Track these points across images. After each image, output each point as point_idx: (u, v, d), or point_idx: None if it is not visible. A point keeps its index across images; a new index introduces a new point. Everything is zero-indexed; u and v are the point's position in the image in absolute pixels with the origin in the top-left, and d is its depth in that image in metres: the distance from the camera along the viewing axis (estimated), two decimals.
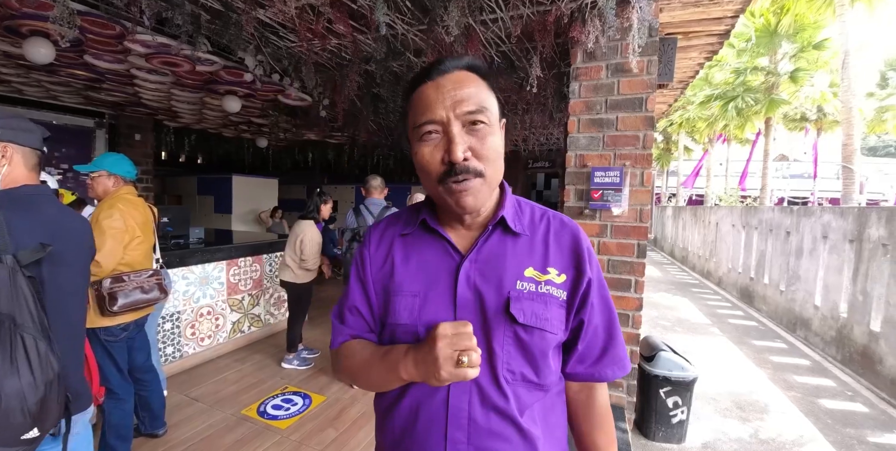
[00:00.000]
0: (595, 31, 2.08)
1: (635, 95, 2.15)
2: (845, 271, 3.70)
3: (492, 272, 0.66)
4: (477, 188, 0.62)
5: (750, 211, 6.14)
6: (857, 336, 3.47)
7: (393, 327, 0.68)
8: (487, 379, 0.63)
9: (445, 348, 0.55)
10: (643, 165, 2.16)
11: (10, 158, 1.08)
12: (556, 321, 0.66)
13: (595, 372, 0.71)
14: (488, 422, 0.62)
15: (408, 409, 0.65)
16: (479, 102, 0.61)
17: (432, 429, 0.63)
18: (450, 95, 0.60)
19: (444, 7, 2.15)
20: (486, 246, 0.68)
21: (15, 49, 2.77)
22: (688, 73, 3.63)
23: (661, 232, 13.05)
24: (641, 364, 2.40)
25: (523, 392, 0.65)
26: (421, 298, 0.66)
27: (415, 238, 0.71)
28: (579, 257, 0.69)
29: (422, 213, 0.71)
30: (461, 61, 0.64)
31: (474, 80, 0.63)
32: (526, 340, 0.64)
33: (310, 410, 2.55)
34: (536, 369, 0.65)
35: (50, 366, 0.95)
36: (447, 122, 0.60)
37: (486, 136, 0.62)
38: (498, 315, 0.64)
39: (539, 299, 0.65)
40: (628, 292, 2.19)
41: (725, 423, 2.63)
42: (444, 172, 0.61)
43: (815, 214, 4.32)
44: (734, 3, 2.34)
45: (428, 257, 0.69)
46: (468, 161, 0.60)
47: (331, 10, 2.26)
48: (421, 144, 0.63)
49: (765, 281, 5.38)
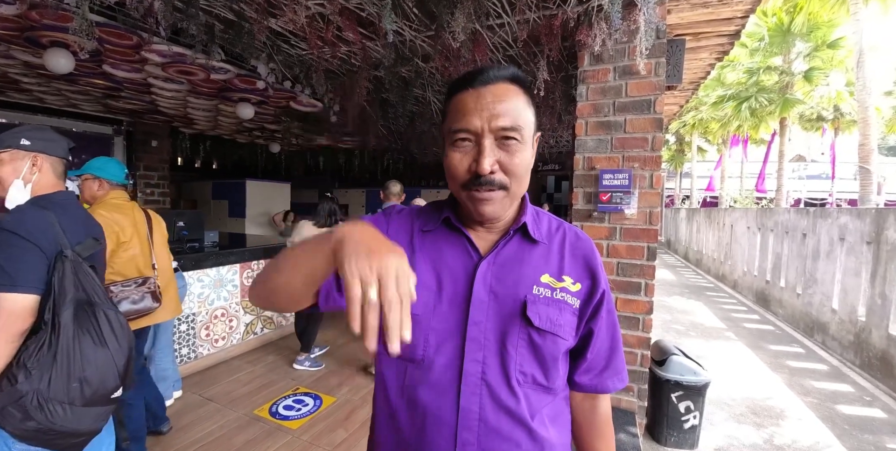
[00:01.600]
0: (602, 34, 2.08)
1: (643, 97, 2.15)
2: (863, 274, 3.62)
3: (508, 276, 0.67)
4: (499, 200, 0.64)
5: (765, 213, 6.04)
6: (875, 340, 3.39)
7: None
8: (499, 380, 0.63)
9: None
10: (652, 167, 2.15)
11: (41, 166, 1.21)
12: (569, 328, 0.68)
13: (599, 383, 0.73)
14: (499, 424, 0.62)
15: (416, 409, 0.65)
16: (515, 119, 0.62)
17: (442, 430, 0.62)
18: (488, 107, 0.61)
19: (450, 13, 2.17)
20: (506, 250, 0.69)
21: (36, 59, 2.86)
22: (698, 74, 3.61)
23: (675, 234, 12.89)
24: (653, 369, 2.38)
25: (533, 395, 0.65)
26: (436, 293, 0.67)
27: (436, 235, 0.72)
28: (593, 269, 0.71)
29: (444, 211, 0.72)
30: (506, 72, 0.64)
31: (515, 94, 0.63)
32: (539, 343, 0.65)
33: (320, 411, 2.58)
34: (546, 373, 0.66)
35: (126, 329, 1.19)
36: (481, 133, 0.61)
37: (516, 152, 0.63)
38: (514, 318, 0.65)
39: (554, 304, 0.66)
40: (638, 295, 2.18)
41: (739, 429, 2.59)
42: (470, 180, 0.63)
43: (831, 216, 4.23)
44: (744, 4, 2.32)
45: (447, 254, 0.70)
46: (494, 174, 0.62)
47: (340, 19, 2.31)
48: (453, 148, 0.64)
49: (781, 284, 5.28)
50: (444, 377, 0.64)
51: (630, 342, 2.19)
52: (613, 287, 2.22)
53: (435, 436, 0.63)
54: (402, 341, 0.43)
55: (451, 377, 0.63)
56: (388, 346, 0.42)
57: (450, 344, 0.64)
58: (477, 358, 0.63)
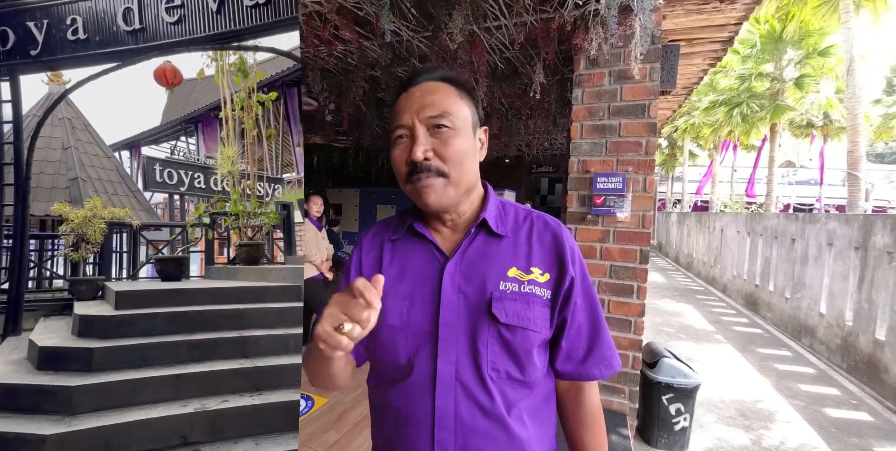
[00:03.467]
0: (598, 38, 2.10)
1: (638, 101, 2.17)
2: (851, 279, 3.68)
3: (475, 274, 0.68)
4: (440, 188, 0.65)
5: (755, 217, 6.11)
6: (862, 345, 3.44)
7: (381, 328, 0.67)
8: (472, 378, 0.64)
9: (333, 308, 0.52)
10: (646, 171, 2.17)
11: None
12: (540, 320, 0.67)
13: (582, 371, 0.71)
14: (475, 422, 0.63)
15: (397, 410, 0.67)
16: (443, 108, 0.65)
17: (420, 430, 0.64)
18: (417, 102, 0.65)
19: (448, 14, 2.18)
20: (470, 248, 0.70)
21: None
22: (692, 79, 3.65)
23: (666, 238, 13.00)
24: (644, 371, 2.40)
25: (509, 390, 0.66)
26: (409, 300, 0.68)
27: (403, 243, 0.74)
28: (562, 255, 0.70)
29: (408, 218, 0.75)
30: (433, 73, 0.69)
31: (443, 88, 0.67)
32: (509, 339, 0.65)
33: (312, 412, 2.56)
34: (521, 367, 0.66)
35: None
36: (412, 125, 0.65)
37: (448, 138, 0.65)
38: (482, 316, 0.65)
39: (521, 298, 0.66)
40: (630, 298, 2.19)
41: (728, 431, 2.61)
42: (409, 172, 0.65)
43: (820, 221, 4.30)
44: (737, 11, 2.35)
45: (415, 261, 0.71)
46: (429, 160, 0.64)
47: (337, 17, 2.30)
48: (393, 147, 0.68)
49: (770, 288, 5.34)
50: (420, 379, 0.65)
51: (622, 345, 2.20)
52: (606, 290, 2.23)
53: (413, 436, 0.64)
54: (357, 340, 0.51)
55: (427, 379, 0.64)
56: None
57: (424, 347, 0.66)
58: (450, 359, 0.64)
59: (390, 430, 0.68)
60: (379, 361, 0.71)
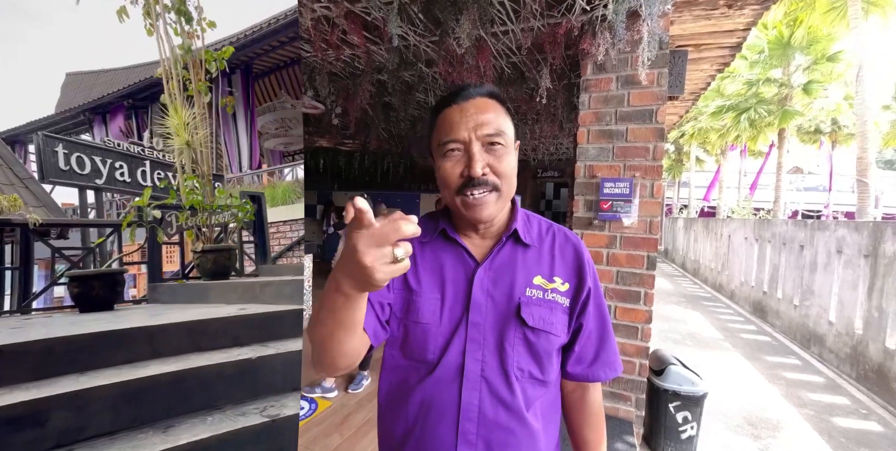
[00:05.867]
0: (605, 43, 2.10)
1: (645, 106, 2.16)
2: (860, 287, 3.63)
3: (503, 279, 0.73)
4: (492, 202, 0.69)
5: (763, 224, 6.06)
6: (872, 353, 3.39)
7: (413, 325, 0.72)
8: (498, 376, 0.69)
9: (370, 248, 0.46)
10: (653, 176, 2.16)
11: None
12: (560, 325, 0.73)
13: (590, 373, 0.78)
14: (496, 416, 0.68)
15: (420, 402, 0.71)
16: (497, 127, 0.69)
17: (444, 421, 0.68)
18: (472, 118, 0.68)
19: (455, 19, 2.19)
20: (500, 255, 0.75)
21: None
22: (699, 84, 3.63)
23: (673, 244, 12.91)
24: (651, 378, 2.37)
25: (529, 388, 0.71)
26: (440, 300, 0.73)
27: (434, 246, 0.77)
28: (581, 268, 0.77)
29: (440, 222, 0.78)
30: (483, 89, 0.72)
31: (494, 106, 0.71)
32: (533, 341, 0.71)
33: (315, 415, 2.55)
34: (542, 368, 0.72)
35: None
36: (469, 141, 0.68)
37: (502, 155, 0.69)
38: (509, 318, 0.71)
39: (546, 304, 0.72)
40: (637, 305, 2.18)
41: (736, 440, 2.57)
42: (462, 185, 0.69)
43: (829, 228, 4.25)
44: (746, 17, 2.35)
45: (446, 263, 0.75)
46: (486, 176, 0.68)
47: (345, 22, 2.32)
48: (444, 159, 0.70)
49: (778, 295, 5.28)
50: (448, 375, 0.70)
51: (628, 352, 2.18)
52: (613, 296, 2.22)
53: (439, 427, 0.69)
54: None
55: (454, 375, 0.69)
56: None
57: (453, 345, 0.70)
58: (477, 357, 0.70)
59: (414, 421, 0.71)
60: (406, 355, 0.74)
